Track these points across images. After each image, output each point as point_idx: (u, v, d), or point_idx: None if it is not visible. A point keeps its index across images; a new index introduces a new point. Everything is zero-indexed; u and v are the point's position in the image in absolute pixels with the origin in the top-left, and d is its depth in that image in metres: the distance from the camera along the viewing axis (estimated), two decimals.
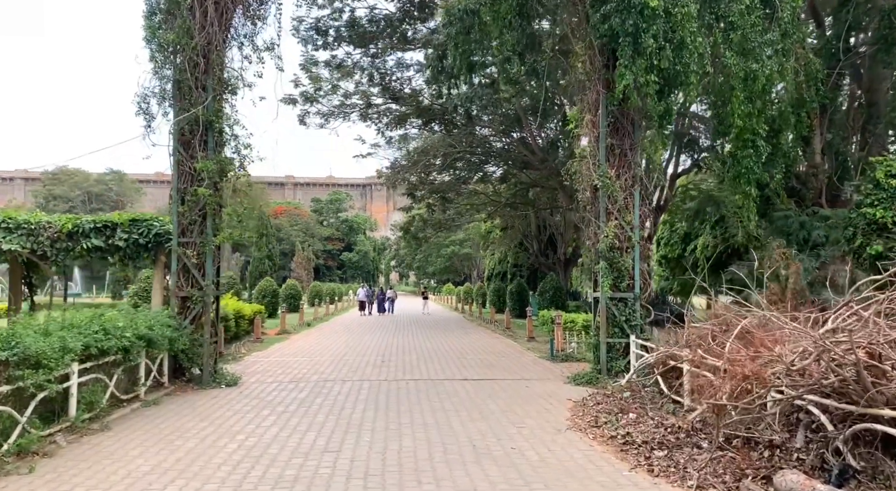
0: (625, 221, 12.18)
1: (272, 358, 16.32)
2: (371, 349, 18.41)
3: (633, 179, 12.22)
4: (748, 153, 13.15)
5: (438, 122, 32.20)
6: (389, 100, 30.71)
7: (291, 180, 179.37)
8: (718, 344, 9.05)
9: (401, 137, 35.68)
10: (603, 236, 12.04)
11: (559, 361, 15.86)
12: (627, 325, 12.09)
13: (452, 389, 11.66)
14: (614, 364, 12.03)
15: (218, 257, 12.45)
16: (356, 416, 9.26)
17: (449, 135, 32.22)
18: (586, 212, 12.64)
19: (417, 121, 33.14)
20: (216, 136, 12.09)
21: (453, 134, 31.65)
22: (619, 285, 12.19)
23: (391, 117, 32.61)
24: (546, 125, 31.75)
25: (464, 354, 17.44)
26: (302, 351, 17.94)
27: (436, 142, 33.30)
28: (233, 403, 10.27)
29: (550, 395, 11.02)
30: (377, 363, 15.18)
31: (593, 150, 12.35)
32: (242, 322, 20.85)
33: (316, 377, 13.05)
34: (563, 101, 27.40)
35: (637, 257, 12.21)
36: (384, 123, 33.18)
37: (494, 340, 21.59)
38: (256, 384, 12.15)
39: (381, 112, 32.36)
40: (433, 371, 13.96)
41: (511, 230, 45.14)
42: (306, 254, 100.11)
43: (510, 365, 15.01)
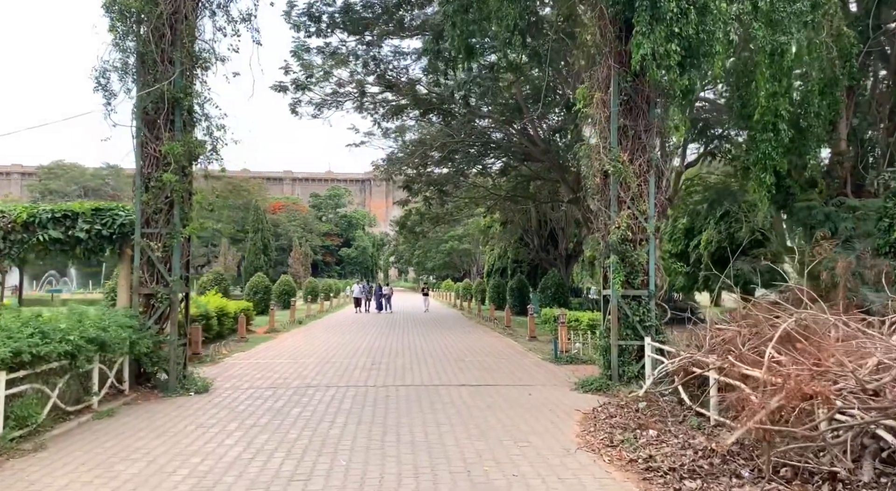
0: (639, 211, 10.97)
1: (254, 360, 15.12)
2: (362, 350, 17.21)
3: (647, 164, 11.01)
4: (767, 137, 11.95)
5: (436, 113, 30.98)
6: (385, 89, 29.45)
7: (290, 175, 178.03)
8: (753, 350, 7.86)
9: (397, 129, 34.44)
10: (614, 228, 10.84)
11: (563, 364, 14.69)
12: (641, 326, 10.89)
13: (448, 397, 10.46)
14: (627, 369, 10.84)
15: (187, 250, 11.23)
16: (335, 432, 8.06)
17: (447, 126, 31.03)
18: (595, 201, 11.43)
19: (415, 111, 31.94)
20: (185, 115, 10.86)
21: (452, 125, 30.44)
22: (632, 282, 10.98)
23: (387, 108, 31.38)
24: (548, 115, 30.54)
25: (461, 355, 16.25)
26: (287, 352, 16.75)
27: (434, 133, 32.11)
28: (198, 415, 9.07)
29: (556, 404, 9.82)
30: (367, 366, 13.99)
31: (604, 132, 11.13)
32: (227, 320, 19.66)
33: (297, 382, 11.86)
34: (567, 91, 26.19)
35: (653, 251, 11.01)
36: (380, 114, 31.96)
37: (494, 340, 20.41)
38: (230, 391, 10.96)
39: (378, 102, 31.12)
40: (427, 376, 12.77)
41: (511, 225, 43.95)
42: (304, 249, 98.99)
43: (511, 368, 13.82)
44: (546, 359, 15.35)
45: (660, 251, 11.29)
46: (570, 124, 25.69)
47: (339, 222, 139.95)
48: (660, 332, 10.93)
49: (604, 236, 11.22)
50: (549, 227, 40.51)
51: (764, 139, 11.79)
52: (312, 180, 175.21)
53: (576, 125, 26.82)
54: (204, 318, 17.29)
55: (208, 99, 11.13)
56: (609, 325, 11.15)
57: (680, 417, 8.48)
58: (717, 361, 8.03)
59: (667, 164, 10.92)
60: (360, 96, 28.82)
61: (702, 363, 8.42)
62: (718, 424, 7.85)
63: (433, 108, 30.26)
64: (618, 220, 10.87)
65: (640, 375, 10.74)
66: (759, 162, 11.99)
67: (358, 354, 16.14)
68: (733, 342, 8.55)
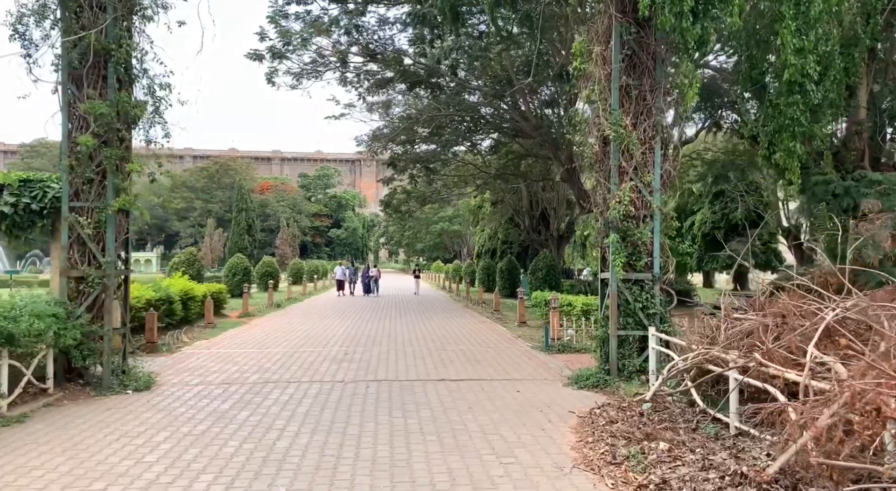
0: (642, 183, 9.61)
1: (216, 349, 13.75)
2: (337, 338, 15.87)
3: (653, 129, 9.62)
4: (794, 100, 10.57)
5: (424, 87, 29.40)
6: (368, 59, 27.78)
7: (278, 155, 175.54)
8: (784, 346, 6.56)
9: (383, 103, 32.82)
10: (615, 202, 9.47)
11: (555, 353, 13.42)
12: (644, 313, 9.59)
13: (424, 395, 9.14)
14: (627, 363, 9.55)
15: (124, 227, 9.77)
16: (282, 445, 6.72)
17: (435, 100, 29.50)
18: (594, 172, 10.05)
19: (401, 85, 30.37)
20: (119, 70, 9.35)
21: (440, 99, 28.92)
22: (634, 264, 9.65)
23: (372, 81, 29.76)
24: (539, 89, 29.02)
25: (444, 343, 14.94)
26: (255, 339, 15.38)
27: (421, 108, 30.56)
28: (127, 420, 7.71)
29: (548, 404, 8.52)
30: (338, 357, 12.65)
31: (604, 93, 9.71)
32: (193, 304, 18.24)
33: (256, 377, 10.51)
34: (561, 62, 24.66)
35: (658, 228, 9.67)
36: (365, 88, 30.34)
37: (481, 325, 19.12)
38: (175, 388, 9.59)
39: (362, 75, 29.48)
40: (404, 368, 11.45)
41: (502, 205, 42.62)
42: (291, 230, 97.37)
43: (498, 359, 12.52)
44: (536, 347, 14.08)
45: (666, 229, 9.94)
46: (562, 96, 24.24)
47: (328, 203, 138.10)
48: (665, 320, 9.63)
49: (602, 212, 9.87)
50: (541, 208, 39.24)
51: (791, 102, 10.42)
52: (302, 160, 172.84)
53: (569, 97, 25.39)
54: (165, 302, 15.88)
55: (146, 52, 9.60)
56: (607, 312, 9.84)
57: (693, 422, 7.19)
58: (740, 358, 6.73)
59: (680, 124, 9.52)
60: (341, 66, 27.16)
61: (720, 360, 7.11)
62: (740, 434, 6.58)
63: (420, 81, 28.67)
64: (618, 193, 9.51)
65: (642, 370, 9.46)
66: (784, 129, 10.62)
67: (331, 343, 14.80)
68: (757, 336, 7.25)
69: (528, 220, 39.42)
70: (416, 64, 27.34)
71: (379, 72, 29.15)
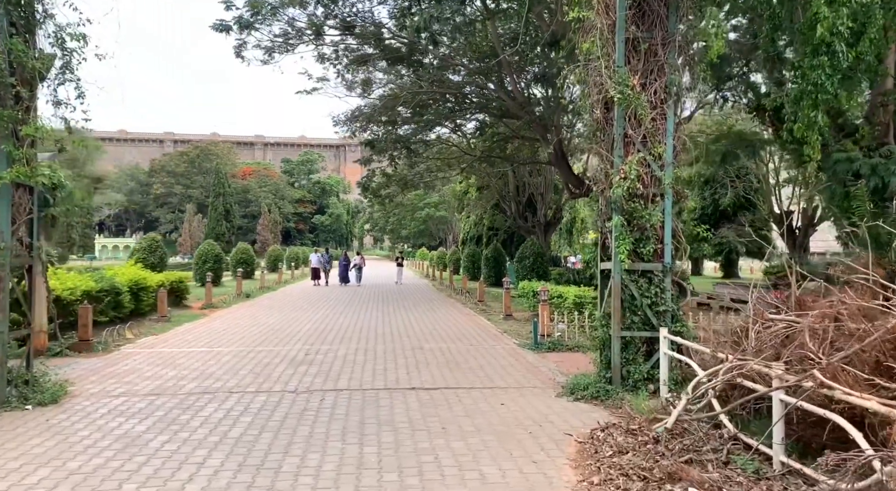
0: (652, 155, 8.05)
1: (160, 348, 12.09)
2: (303, 333, 14.25)
3: (665, 92, 8.05)
4: (820, 62, 9.01)
5: (405, 64, 27.62)
6: (345, 31, 25.91)
7: (261, 140, 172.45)
8: (852, 359, 5.05)
9: (363, 82, 30.96)
10: (619, 178, 7.90)
11: (545, 351, 11.94)
12: (653, 311, 8.05)
13: (389, 410, 7.57)
14: (632, 369, 8.02)
15: (26, 205, 8.04)
16: (191, 489, 5.12)
17: (417, 78, 27.77)
18: (594, 143, 8.46)
19: (381, 63, 28.60)
20: (12, 11, 7.59)
21: (422, 77, 27.18)
22: (641, 252, 8.10)
23: (351, 57, 27.93)
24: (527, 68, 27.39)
25: (422, 339, 13.38)
26: (210, 336, 13.72)
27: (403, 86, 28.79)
28: (5, 450, 6.06)
29: (538, 423, 6.99)
30: (297, 359, 11.03)
31: (606, 47, 8.10)
32: (146, 295, 16.51)
33: (194, 385, 8.88)
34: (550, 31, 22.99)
35: (669, 209, 8.12)
36: (344, 65, 28.51)
37: (464, 318, 17.57)
38: (90, 401, 7.94)
39: (340, 51, 27.63)
40: (371, 373, 9.87)
41: (487, 191, 41.07)
42: (273, 216, 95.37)
43: (480, 359, 10.97)
44: (524, 345, 12.57)
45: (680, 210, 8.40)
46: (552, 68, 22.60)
47: (312, 189, 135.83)
48: (678, 319, 8.10)
49: (604, 191, 8.29)
50: (528, 193, 37.80)
51: (816, 65, 8.87)
52: (285, 145, 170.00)
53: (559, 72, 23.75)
54: (109, 293, 14.17)
55: None
56: (608, 309, 8.30)
57: (722, 452, 5.68)
58: (789, 374, 5.21)
59: (696, 84, 7.94)
60: (315, 39, 25.28)
61: (757, 376, 5.60)
62: (790, 472, 5.08)
63: (401, 58, 26.90)
64: (623, 168, 7.94)
65: (650, 378, 7.94)
66: (806, 95, 9.08)
67: (294, 340, 13.18)
68: (802, 343, 5.75)
69: (515, 206, 37.95)
70: (396, 37, 25.58)
71: (358, 48, 27.36)
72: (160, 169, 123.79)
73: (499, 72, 25.77)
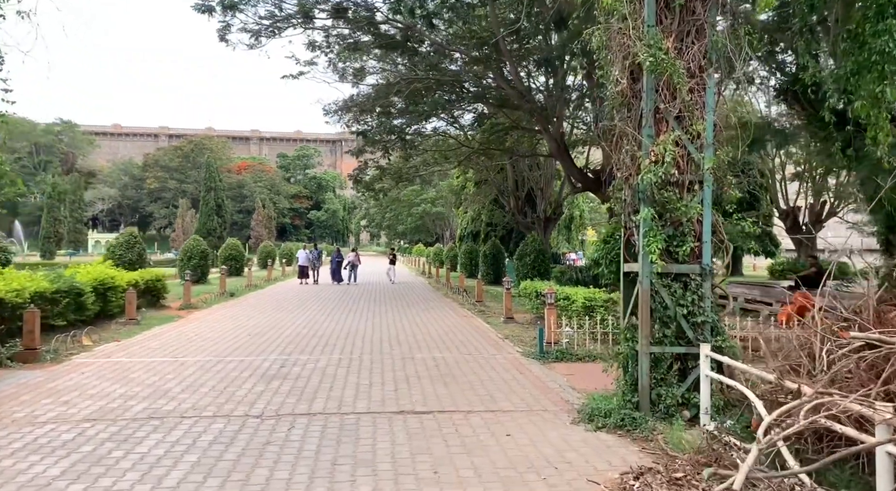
0: (689, 133, 6.67)
1: (117, 357, 10.70)
2: (282, 339, 12.88)
3: (704, 56, 6.67)
4: (888, 26, 7.66)
5: (400, 52, 26.21)
6: (335, 15, 24.45)
7: (257, 134, 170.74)
8: None
9: (356, 71, 29.52)
10: (649, 162, 6.53)
11: (552, 361, 10.61)
12: (689, 322, 6.68)
13: (369, 445, 6.19)
14: (664, 393, 6.65)
15: None
16: None
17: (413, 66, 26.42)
18: (618, 120, 7.08)
19: (375, 51, 27.20)
20: None
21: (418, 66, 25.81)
22: (675, 251, 6.73)
23: (343, 45, 26.51)
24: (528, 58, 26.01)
25: (414, 347, 12.01)
26: (179, 342, 12.33)
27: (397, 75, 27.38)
28: None
29: (553, 463, 5.62)
30: (270, 372, 9.65)
31: (634, 3, 6.71)
32: (114, 296, 15.10)
33: (143, 406, 7.50)
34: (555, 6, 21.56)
35: (709, 200, 6.75)
36: (336, 53, 27.09)
37: (461, 321, 16.20)
38: (6, 431, 6.54)
39: (332, 38, 26.20)
40: (353, 391, 8.49)
41: (486, 185, 39.72)
42: (267, 211, 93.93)
43: (480, 373, 9.60)
44: (528, 354, 11.21)
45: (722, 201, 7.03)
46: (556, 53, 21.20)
47: (308, 184, 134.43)
48: (719, 332, 6.73)
49: (629, 178, 6.91)
50: (527, 188, 36.45)
51: (881, 30, 7.51)
52: (281, 140, 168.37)
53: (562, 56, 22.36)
54: (68, 294, 12.77)
55: None
56: (634, 319, 6.93)
57: None
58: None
59: (739, 56, 6.55)
60: (304, 22, 23.83)
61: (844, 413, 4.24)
62: None
63: (396, 45, 25.48)
64: (655, 149, 6.57)
65: (686, 403, 6.58)
66: (868, 67, 7.71)
67: (271, 347, 11.80)
68: None
69: (514, 202, 36.59)
70: (390, 21, 24.16)
71: (350, 34, 25.96)
72: (154, 163, 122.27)
73: (498, 59, 24.37)
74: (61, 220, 62.13)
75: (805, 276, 17.13)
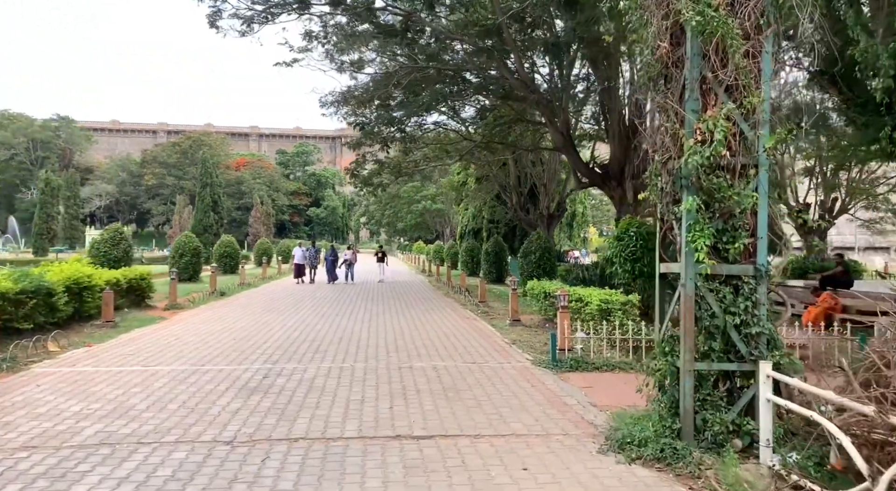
0: (743, 108, 5.57)
1: (81, 366, 9.60)
2: (269, 344, 11.78)
3: (762, 15, 5.57)
4: None
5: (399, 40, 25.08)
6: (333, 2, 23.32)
7: (256, 131, 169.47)
8: None
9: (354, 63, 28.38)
10: (693, 141, 5.44)
11: (566, 370, 9.55)
12: (741, 334, 5.60)
13: (355, 487, 5.11)
14: (711, 418, 5.55)
15: None
16: None
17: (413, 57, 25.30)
18: (655, 92, 5.97)
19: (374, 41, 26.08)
20: None
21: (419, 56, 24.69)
22: (724, 249, 5.64)
23: (341, 35, 25.42)
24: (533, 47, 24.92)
25: (413, 354, 10.91)
26: (153, 348, 11.23)
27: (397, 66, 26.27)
28: None
29: None
30: (251, 384, 8.56)
31: None
32: (91, 296, 14.02)
33: (94, 429, 6.41)
34: None
35: (765, 186, 5.65)
36: (333, 44, 26.00)
37: (464, 324, 15.10)
38: None
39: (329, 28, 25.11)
40: (342, 409, 7.39)
41: (487, 181, 38.60)
42: (265, 208, 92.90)
43: (487, 386, 8.50)
44: (539, 362, 10.12)
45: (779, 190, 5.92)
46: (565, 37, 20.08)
47: (307, 181, 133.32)
48: (777, 346, 5.64)
49: (668, 161, 5.81)
50: (530, 184, 35.37)
51: None
52: (280, 136, 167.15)
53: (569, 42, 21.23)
54: (35, 295, 11.68)
55: None
56: (675, 330, 5.84)
57: None
58: None
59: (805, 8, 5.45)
60: (298, 8, 22.70)
61: None
62: None
63: (395, 33, 24.35)
64: (700, 126, 5.47)
65: (737, 431, 5.49)
66: None
67: (256, 354, 10.71)
68: None
69: (516, 198, 35.49)
70: (390, 7, 23.07)
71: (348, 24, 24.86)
72: (152, 160, 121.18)
73: (501, 49, 23.25)
74: (54, 216, 60.97)
75: (831, 275, 16.04)
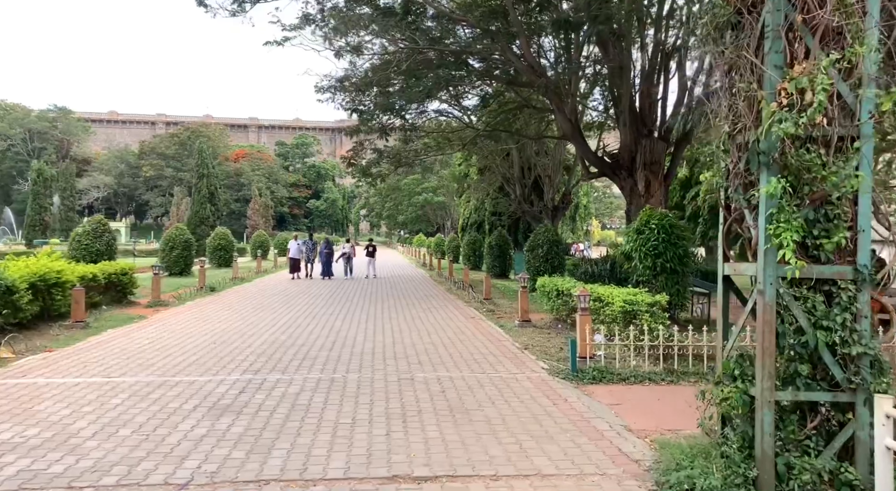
0: (843, 62, 4.29)
1: (33, 377, 8.36)
2: (251, 350, 10.53)
3: None
4: None
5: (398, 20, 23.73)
6: None
7: (255, 122, 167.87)
8: None
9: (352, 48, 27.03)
10: (776, 105, 4.16)
11: (588, 381, 8.34)
12: (837, 354, 4.34)
13: None
14: (801, 464, 4.30)
15: None
16: None
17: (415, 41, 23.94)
18: (717, 44, 4.69)
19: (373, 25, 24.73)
20: None
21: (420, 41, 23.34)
22: (815, 246, 4.38)
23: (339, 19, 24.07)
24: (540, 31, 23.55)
25: (414, 365, 9.65)
26: (120, 354, 9.97)
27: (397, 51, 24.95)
28: None
29: None
30: (224, 401, 7.31)
31: None
32: (61, 294, 12.78)
33: (16, 467, 5.17)
34: None
35: (870, 163, 4.37)
36: (331, 28, 24.65)
37: (469, 324, 13.85)
38: None
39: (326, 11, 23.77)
40: (329, 437, 6.15)
41: (490, 173, 37.25)
42: (264, 200, 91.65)
43: (500, 404, 7.25)
44: (557, 371, 8.89)
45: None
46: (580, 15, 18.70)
47: (307, 173, 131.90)
48: (884, 371, 4.37)
49: (738, 133, 4.54)
50: (534, 175, 34.09)
51: None
52: (279, 128, 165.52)
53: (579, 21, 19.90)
54: (6, 292, 10.45)
55: None
56: (748, 349, 4.58)
57: None
58: None
59: None
60: None
61: None
62: None
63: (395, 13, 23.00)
64: (785, 85, 4.20)
65: (831, 480, 4.24)
66: None
67: (236, 361, 9.47)
68: None
69: (520, 189, 34.18)
70: None
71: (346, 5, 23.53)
72: (150, 151, 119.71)
73: (507, 29, 21.91)
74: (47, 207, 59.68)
75: None
